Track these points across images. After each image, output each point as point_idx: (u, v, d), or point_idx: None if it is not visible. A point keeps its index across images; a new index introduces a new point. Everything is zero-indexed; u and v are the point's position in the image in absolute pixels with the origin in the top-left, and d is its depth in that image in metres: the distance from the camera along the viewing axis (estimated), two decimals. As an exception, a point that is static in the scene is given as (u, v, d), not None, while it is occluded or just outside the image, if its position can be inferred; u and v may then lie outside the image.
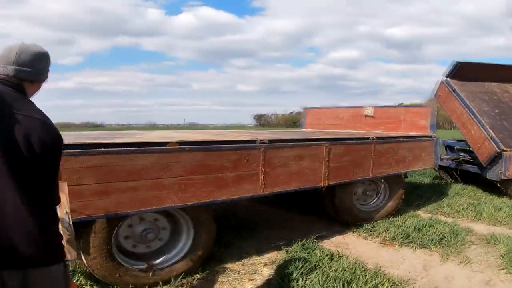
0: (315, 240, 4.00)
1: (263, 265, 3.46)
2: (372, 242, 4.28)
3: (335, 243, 4.23)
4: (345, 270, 3.20)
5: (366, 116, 6.30)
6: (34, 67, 1.44)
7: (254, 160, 3.19)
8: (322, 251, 3.65)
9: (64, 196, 1.68)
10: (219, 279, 3.17)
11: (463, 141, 7.30)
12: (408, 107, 5.76)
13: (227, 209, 5.45)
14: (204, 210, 3.13)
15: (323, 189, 3.84)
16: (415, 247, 4.07)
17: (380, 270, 3.35)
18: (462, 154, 7.26)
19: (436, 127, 5.44)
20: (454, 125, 7.26)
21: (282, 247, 3.84)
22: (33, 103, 1.43)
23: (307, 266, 3.22)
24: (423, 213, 5.62)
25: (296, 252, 3.68)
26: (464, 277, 3.36)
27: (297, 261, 3.32)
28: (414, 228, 4.52)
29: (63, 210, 1.72)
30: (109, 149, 2.51)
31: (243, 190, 3.16)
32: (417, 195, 6.76)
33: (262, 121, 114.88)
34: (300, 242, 3.88)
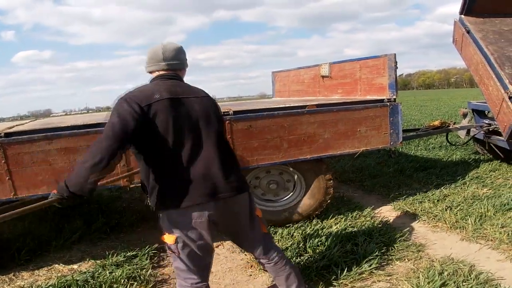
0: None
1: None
2: (239, 259, 3.02)
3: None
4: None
5: (322, 77, 4.66)
6: (179, 59, 1.76)
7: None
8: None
9: None
10: None
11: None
12: (365, 60, 3.95)
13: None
14: None
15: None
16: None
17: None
18: (490, 121, 4.96)
19: (397, 86, 3.63)
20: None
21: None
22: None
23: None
24: (389, 211, 3.95)
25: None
26: None
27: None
28: (303, 242, 3.06)
29: None
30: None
31: None
32: (416, 180, 4.91)
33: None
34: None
